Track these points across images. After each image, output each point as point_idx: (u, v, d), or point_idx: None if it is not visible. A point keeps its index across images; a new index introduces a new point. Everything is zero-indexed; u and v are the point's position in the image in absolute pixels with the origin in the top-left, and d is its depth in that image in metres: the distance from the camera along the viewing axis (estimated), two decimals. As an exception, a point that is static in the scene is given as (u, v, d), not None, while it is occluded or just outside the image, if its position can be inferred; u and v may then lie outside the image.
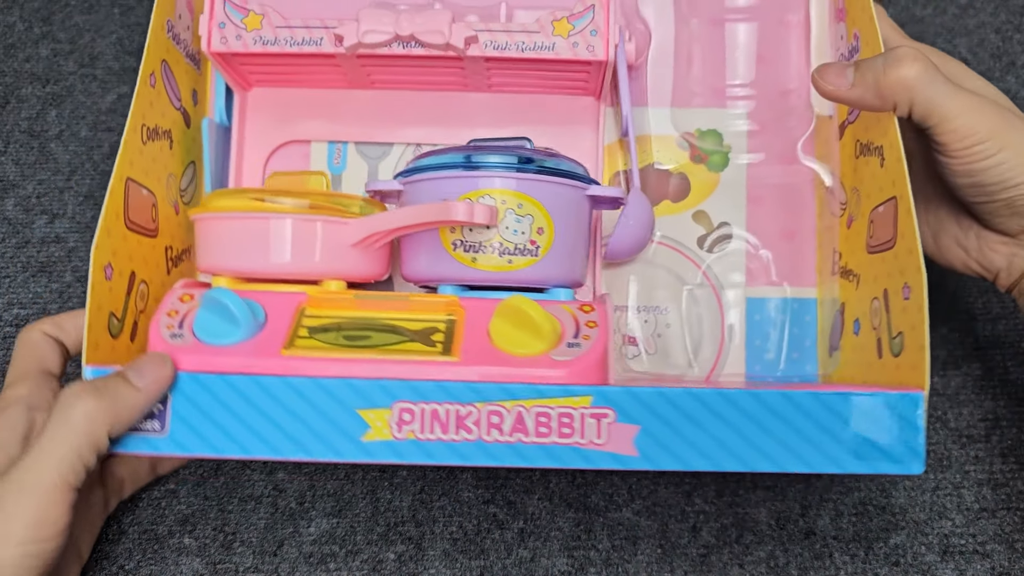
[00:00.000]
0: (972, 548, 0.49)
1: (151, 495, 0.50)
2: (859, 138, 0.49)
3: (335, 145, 0.55)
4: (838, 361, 0.51)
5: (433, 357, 0.41)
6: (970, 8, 0.65)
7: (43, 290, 0.56)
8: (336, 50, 0.49)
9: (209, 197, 0.47)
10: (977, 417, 0.53)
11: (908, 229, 0.42)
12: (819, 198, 0.54)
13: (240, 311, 0.41)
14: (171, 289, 0.45)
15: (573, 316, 0.43)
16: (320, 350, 0.41)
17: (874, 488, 0.51)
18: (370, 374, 0.40)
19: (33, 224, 0.58)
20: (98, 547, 0.48)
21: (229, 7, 0.49)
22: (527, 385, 0.40)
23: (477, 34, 0.48)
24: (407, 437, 0.40)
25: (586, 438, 0.40)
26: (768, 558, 0.49)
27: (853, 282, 0.49)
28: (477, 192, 0.44)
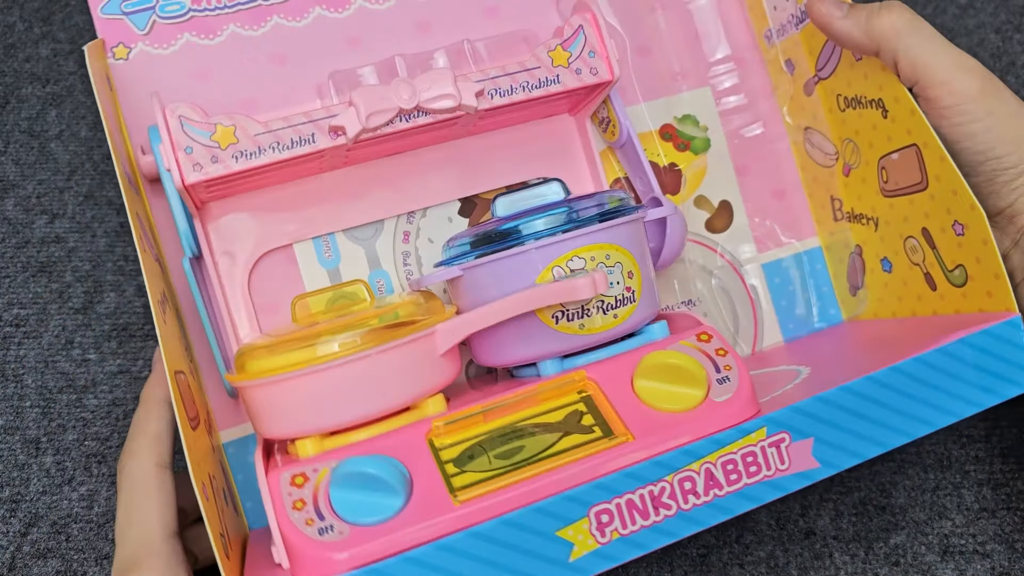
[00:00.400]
0: (972, 548, 0.48)
1: None
2: (840, 92, 0.51)
3: (321, 239, 0.49)
4: (866, 299, 0.54)
5: (605, 445, 0.39)
6: (970, 8, 0.66)
7: (43, 290, 0.55)
8: (334, 143, 0.43)
9: (255, 356, 0.40)
10: (977, 417, 0.52)
11: (945, 172, 0.45)
12: (797, 152, 0.56)
13: (391, 475, 0.36)
14: (269, 477, 0.38)
15: (700, 350, 0.42)
16: (487, 484, 0.37)
17: (874, 488, 0.51)
18: (552, 490, 0.37)
19: (33, 224, 0.57)
20: (98, 547, 0.48)
21: (189, 126, 0.41)
22: (707, 440, 0.39)
23: (483, 88, 0.44)
24: (612, 538, 0.37)
25: (772, 468, 0.39)
26: (768, 558, 0.49)
27: (869, 225, 0.52)
28: (565, 257, 0.41)
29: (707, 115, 0.55)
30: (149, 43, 0.48)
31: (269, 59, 0.49)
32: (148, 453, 0.40)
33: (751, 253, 0.55)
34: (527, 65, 0.45)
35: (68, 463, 0.51)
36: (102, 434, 0.52)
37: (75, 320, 0.54)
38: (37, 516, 0.50)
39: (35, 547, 0.49)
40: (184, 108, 0.41)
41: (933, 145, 0.45)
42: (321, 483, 0.37)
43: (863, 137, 0.50)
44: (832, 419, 0.40)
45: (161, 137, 0.41)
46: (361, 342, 0.39)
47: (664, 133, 0.55)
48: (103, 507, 0.50)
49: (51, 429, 0.51)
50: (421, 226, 0.51)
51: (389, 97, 0.43)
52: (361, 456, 0.37)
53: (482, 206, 0.52)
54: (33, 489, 0.50)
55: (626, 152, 0.52)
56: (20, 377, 0.52)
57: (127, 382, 0.53)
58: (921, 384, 0.41)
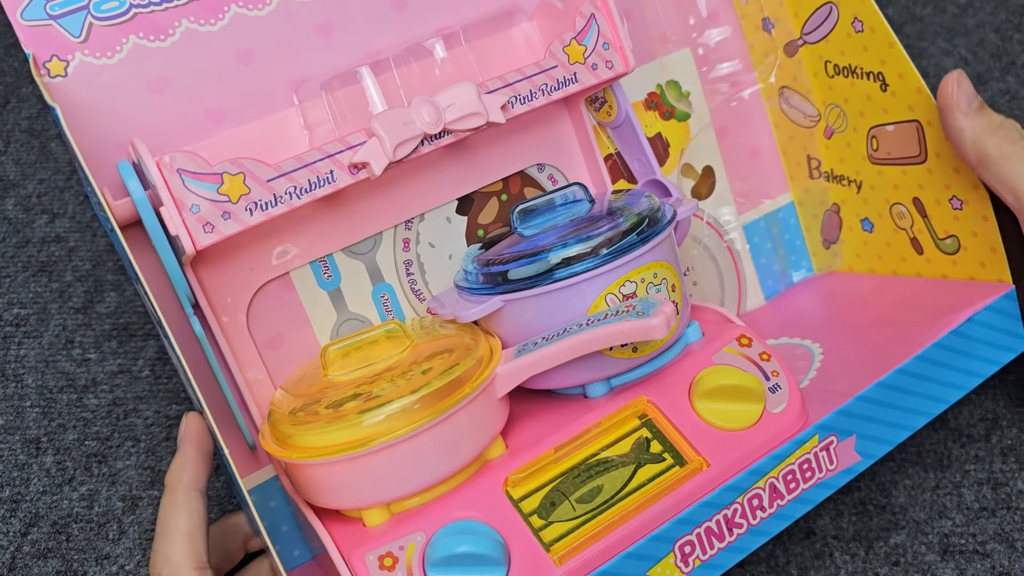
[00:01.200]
0: (972, 548, 0.47)
1: (151, 495, 0.49)
2: (830, 59, 0.51)
3: (318, 263, 0.45)
4: (841, 253, 0.56)
5: (680, 475, 0.39)
6: (969, 8, 0.64)
7: (43, 289, 0.55)
8: (355, 179, 0.38)
9: (305, 429, 0.36)
10: (977, 417, 0.52)
11: (948, 151, 0.46)
12: (772, 111, 0.56)
13: (490, 547, 0.35)
14: (353, 561, 0.36)
15: (746, 358, 0.43)
16: (577, 535, 0.37)
17: (874, 487, 0.50)
18: (639, 531, 0.37)
19: (33, 223, 0.57)
20: (98, 547, 0.47)
21: (192, 181, 0.35)
22: (770, 456, 0.40)
23: (507, 99, 0.40)
24: (694, 566, 0.38)
25: (823, 470, 0.41)
26: (768, 558, 0.48)
27: (851, 187, 0.53)
28: (617, 283, 0.40)
29: (689, 80, 0.53)
30: (89, 52, 0.40)
31: (234, 58, 0.42)
32: (184, 557, 0.36)
33: (732, 215, 0.56)
34: (544, 65, 0.42)
35: (68, 463, 0.50)
36: (102, 434, 0.50)
37: (75, 320, 0.53)
38: (37, 516, 0.48)
39: (35, 547, 0.48)
40: (182, 159, 0.35)
41: (937, 124, 0.46)
42: (413, 562, 0.36)
43: (853, 105, 0.51)
44: (870, 414, 0.42)
45: (162, 199, 0.35)
46: (426, 408, 0.36)
47: (649, 102, 0.52)
48: (103, 507, 0.49)
49: (51, 429, 0.50)
50: (420, 231, 0.47)
51: (412, 122, 0.38)
52: (452, 529, 0.36)
53: (480, 201, 0.48)
54: (33, 489, 0.49)
55: (623, 133, 0.49)
56: (20, 377, 0.51)
57: (127, 382, 0.52)
58: (939, 366, 0.44)
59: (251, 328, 0.43)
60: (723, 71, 0.54)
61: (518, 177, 0.49)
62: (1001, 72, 0.65)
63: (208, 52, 0.42)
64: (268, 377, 0.43)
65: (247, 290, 0.43)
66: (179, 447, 0.39)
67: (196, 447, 0.38)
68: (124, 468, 0.50)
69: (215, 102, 0.42)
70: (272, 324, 0.44)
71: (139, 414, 0.51)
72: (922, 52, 0.68)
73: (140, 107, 0.41)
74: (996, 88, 0.65)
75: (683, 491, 0.39)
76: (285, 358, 0.44)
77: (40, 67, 0.39)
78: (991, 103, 0.64)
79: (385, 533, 0.37)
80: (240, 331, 0.43)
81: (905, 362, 0.43)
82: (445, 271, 0.48)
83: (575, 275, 0.39)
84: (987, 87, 0.66)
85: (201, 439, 0.39)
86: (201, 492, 0.38)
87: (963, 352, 0.45)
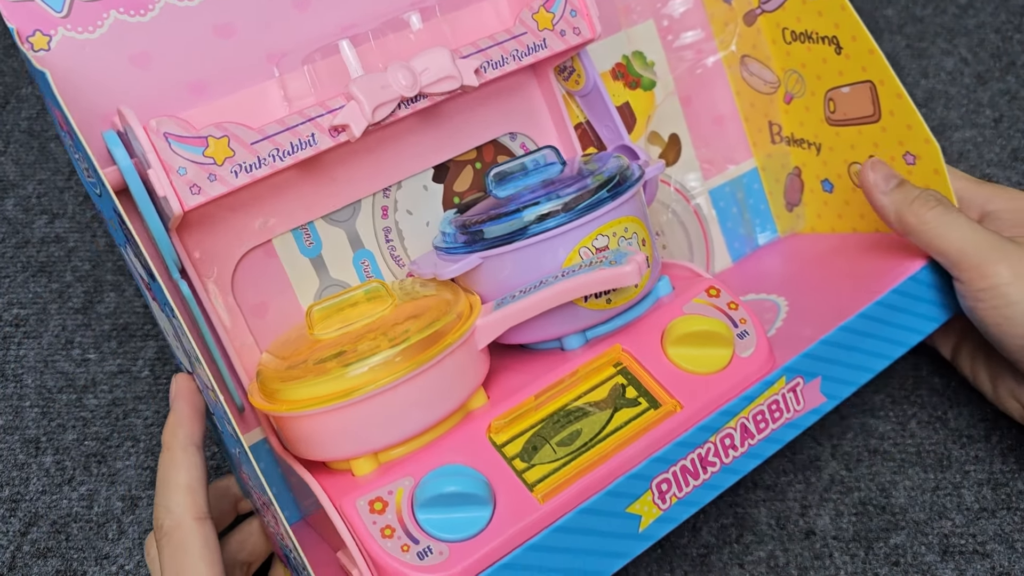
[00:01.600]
0: (972, 548, 0.48)
1: (151, 495, 0.49)
2: (787, 26, 0.53)
3: (300, 230, 0.46)
4: (803, 215, 0.58)
5: (655, 417, 0.41)
6: (970, 8, 0.64)
7: (43, 290, 0.55)
8: (336, 142, 0.39)
9: (293, 383, 0.38)
10: (977, 417, 0.53)
11: (901, 108, 0.48)
12: (733, 78, 0.58)
13: (476, 487, 0.37)
14: (344, 506, 0.37)
15: (714, 307, 0.45)
16: (559, 475, 0.39)
17: (874, 488, 0.51)
18: (618, 470, 0.39)
19: (33, 224, 0.57)
20: (98, 547, 0.48)
21: (178, 144, 0.37)
22: (740, 397, 0.42)
23: (480, 64, 0.42)
24: (671, 503, 0.40)
25: (791, 410, 0.44)
26: (768, 558, 0.48)
27: (810, 149, 0.56)
28: (590, 237, 0.42)
29: (653, 50, 0.55)
30: (71, 27, 0.41)
31: (213, 31, 0.44)
32: (185, 508, 0.38)
33: (698, 181, 0.58)
34: (514, 32, 0.43)
35: (68, 463, 0.50)
36: (102, 434, 0.51)
37: (75, 320, 0.53)
38: (37, 516, 0.49)
39: (35, 546, 0.48)
40: (168, 123, 0.36)
41: (890, 82, 0.48)
42: (402, 505, 0.37)
43: (810, 70, 0.53)
44: (834, 357, 0.44)
45: (150, 162, 0.36)
46: (407, 360, 0.38)
47: (616, 72, 0.54)
48: (103, 507, 0.49)
49: (51, 429, 0.51)
50: (398, 198, 0.48)
51: (389, 85, 0.40)
52: (439, 472, 0.37)
53: (455, 169, 0.50)
54: (33, 489, 0.49)
55: (591, 101, 0.51)
56: (20, 377, 0.52)
57: (127, 382, 0.52)
58: (898, 311, 0.46)
59: (236, 295, 0.44)
60: (686, 40, 0.56)
61: (491, 146, 0.51)
62: (1001, 72, 0.65)
63: (188, 26, 0.43)
64: (255, 342, 0.45)
65: (232, 257, 0.44)
66: (172, 405, 0.40)
67: (189, 404, 0.40)
68: (123, 468, 0.50)
69: (196, 75, 0.43)
70: (256, 291, 0.45)
71: (138, 414, 0.52)
72: (922, 52, 0.69)
73: (123, 80, 0.42)
74: (996, 88, 0.67)
75: (658, 432, 0.40)
76: (271, 324, 0.45)
77: (24, 41, 0.40)
78: (991, 103, 0.66)
79: (374, 481, 0.38)
80: (226, 297, 0.44)
81: (866, 307, 0.45)
82: (423, 237, 0.49)
83: (550, 230, 0.41)
84: (987, 87, 0.67)
85: (193, 396, 0.40)
86: (198, 447, 0.39)
87: (920, 298, 0.47)
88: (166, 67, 0.43)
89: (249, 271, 0.45)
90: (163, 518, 0.37)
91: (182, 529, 0.37)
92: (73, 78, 0.41)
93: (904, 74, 0.69)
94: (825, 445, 0.52)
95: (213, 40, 0.44)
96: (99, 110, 0.41)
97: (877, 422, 0.53)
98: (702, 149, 0.58)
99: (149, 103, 0.42)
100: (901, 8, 0.70)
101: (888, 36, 0.71)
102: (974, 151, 0.65)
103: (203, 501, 0.38)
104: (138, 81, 0.42)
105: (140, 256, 0.35)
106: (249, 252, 0.45)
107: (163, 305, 0.37)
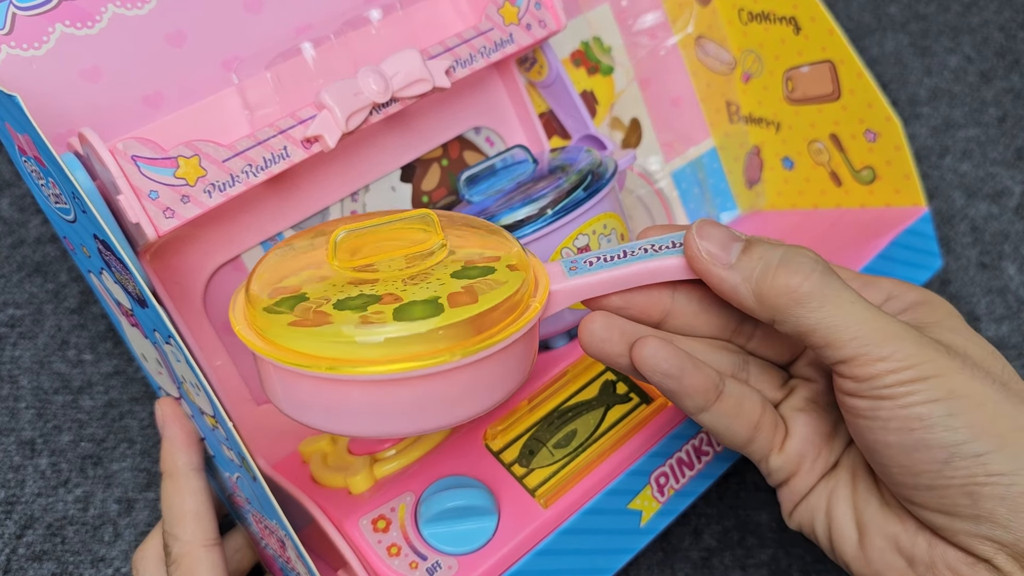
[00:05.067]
0: None
1: (147, 497, 0.49)
2: (743, 7, 0.53)
3: (269, 242, 0.44)
4: (763, 193, 0.59)
5: (647, 412, 0.41)
6: (974, 6, 0.63)
7: (38, 290, 0.55)
8: (309, 153, 0.38)
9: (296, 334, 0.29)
10: None
11: (861, 87, 0.49)
12: (689, 61, 0.58)
13: (480, 498, 0.36)
14: (346, 527, 0.36)
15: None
16: (559, 479, 0.39)
17: None
18: (617, 469, 0.39)
19: (28, 223, 0.56)
20: (94, 549, 0.47)
21: (147, 167, 0.35)
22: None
23: (450, 64, 0.41)
24: (669, 495, 0.41)
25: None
26: (770, 561, 0.48)
27: (769, 128, 0.56)
28: (571, 237, 0.41)
29: (611, 34, 0.55)
30: (16, 43, 0.38)
31: (165, 40, 0.42)
32: (194, 535, 0.37)
33: (659, 164, 0.58)
34: (481, 28, 0.42)
35: (63, 465, 0.49)
36: (97, 436, 0.50)
37: (70, 320, 0.52)
38: (32, 518, 0.48)
39: (30, 549, 0.47)
40: (135, 145, 0.35)
41: (850, 62, 0.49)
42: (406, 521, 0.37)
43: (768, 50, 0.53)
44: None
45: (119, 188, 0.34)
46: (466, 340, 0.28)
47: (575, 58, 0.54)
48: (98, 509, 0.49)
49: (46, 431, 0.50)
50: (367, 201, 0.47)
51: (361, 92, 0.38)
52: (441, 485, 0.37)
53: (422, 168, 0.49)
54: (28, 491, 0.48)
55: (555, 91, 0.51)
56: (15, 378, 0.51)
57: (122, 383, 0.51)
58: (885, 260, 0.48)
59: (209, 314, 0.43)
60: (643, 23, 0.56)
61: (456, 142, 0.50)
62: (1006, 70, 0.65)
63: (138, 36, 0.41)
64: (231, 361, 0.43)
65: (201, 276, 0.42)
66: (163, 432, 0.39)
67: (182, 429, 0.38)
68: (119, 470, 0.50)
69: (151, 87, 0.41)
70: (225, 309, 0.43)
71: (134, 416, 0.51)
72: (926, 50, 0.69)
73: (75, 97, 0.39)
74: (1000, 86, 0.67)
75: (653, 426, 0.41)
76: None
77: (-36, 62, 0.37)
78: (995, 101, 0.65)
79: (372, 499, 0.38)
80: (199, 317, 0.42)
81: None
82: (395, 240, 0.48)
83: (534, 232, 0.41)
84: (992, 85, 0.67)
85: (182, 420, 0.39)
86: (199, 471, 0.38)
87: (888, 274, 0.48)
88: (118, 80, 0.40)
89: (220, 288, 0.43)
90: (172, 545, 0.36)
91: (192, 557, 0.36)
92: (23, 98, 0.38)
93: (908, 72, 0.69)
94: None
95: (165, 49, 0.42)
96: (51, 130, 0.39)
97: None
98: (663, 132, 0.58)
99: (104, 119, 0.40)
100: (904, 6, 0.69)
101: (892, 34, 0.71)
102: (978, 150, 0.65)
103: (211, 527, 0.37)
104: (90, 97, 0.40)
105: (132, 281, 0.33)
106: (218, 269, 0.43)
107: (154, 331, 0.35)
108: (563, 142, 0.53)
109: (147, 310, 0.34)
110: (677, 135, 0.58)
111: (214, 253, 0.43)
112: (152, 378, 0.42)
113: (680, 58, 0.58)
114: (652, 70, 0.57)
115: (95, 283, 0.40)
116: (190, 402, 0.37)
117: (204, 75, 0.42)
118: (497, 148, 0.51)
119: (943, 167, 0.65)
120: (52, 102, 0.39)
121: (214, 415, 0.34)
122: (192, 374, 0.33)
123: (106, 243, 0.33)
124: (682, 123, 0.59)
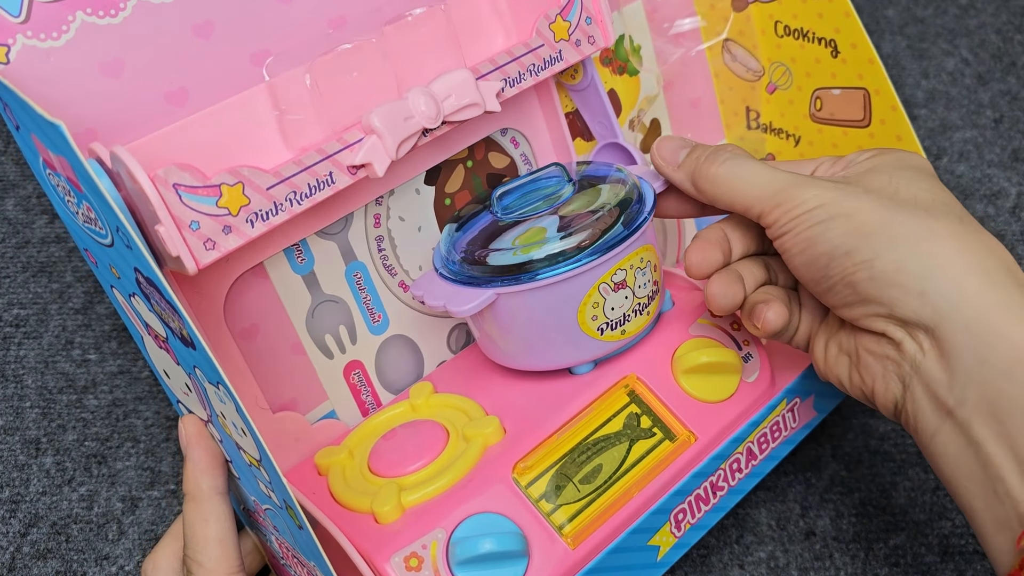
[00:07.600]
0: (972, 548, 0.47)
1: (151, 495, 0.49)
2: (780, 20, 0.52)
3: (292, 248, 0.43)
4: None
5: (672, 449, 0.41)
6: (971, 9, 0.62)
7: (43, 290, 0.55)
8: (355, 179, 0.36)
9: None
10: None
11: (893, 119, 0.49)
12: (713, 62, 0.56)
13: (512, 541, 0.36)
14: (377, 563, 0.36)
15: (718, 328, 0.45)
16: (585, 516, 0.39)
17: (874, 489, 0.50)
18: (642, 508, 0.40)
19: (33, 224, 0.57)
20: (98, 548, 0.48)
21: (189, 196, 0.33)
22: (748, 424, 0.43)
23: (501, 86, 0.39)
24: (685, 530, 0.42)
25: (788, 429, 0.45)
26: (768, 559, 0.48)
27: (788, 140, 0.56)
28: (609, 273, 0.41)
29: (641, 34, 0.53)
30: (32, 33, 0.35)
31: (192, 31, 0.38)
32: (218, 562, 0.36)
33: (675, 166, 0.57)
34: (532, 45, 0.40)
35: (68, 463, 0.49)
36: (102, 435, 0.50)
37: (75, 320, 0.52)
38: (37, 516, 0.48)
39: (35, 547, 0.47)
40: (176, 172, 0.32)
41: (886, 93, 0.48)
42: (438, 561, 0.37)
43: (800, 66, 0.52)
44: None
45: (160, 218, 0.32)
46: None
47: (604, 57, 0.52)
48: (103, 507, 0.48)
49: (51, 429, 0.50)
50: (390, 205, 0.45)
51: (412, 116, 0.36)
52: (474, 524, 0.37)
53: (447, 170, 0.47)
54: (33, 489, 0.48)
55: (586, 96, 0.49)
56: (20, 377, 0.51)
57: (127, 382, 0.51)
58: None
59: (228, 321, 0.41)
60: (674, 25, 0.54)
61: (482, 143, 0.48)
62: (1002, 73, 0.65)
63: (164, 27, 0.38)
64: (247, 368, 0.42)
65: (223, 284, 0.40)
66: (187, 453, 0.37)
67: (207, 451, 0.37)
68: (124, 469, 0.49)
69: (175, 82, 0.38)
70: (246, 315, 0.42)
71: (139, 415, 0.50)
72: (923, 53, 0.68)
73: (94, 93, 0.36)
74: (997, 89, 0.67)
75: (676, 465, 0.41)
76: (261, 346, 0.42)
77: (-23, 54, 0.34)
78: (992, 104, 0.65)
79: (402, 531, 0.37)
80: (217, 324, 0.41)
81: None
82: (415, 244, 0.47)
83: (574, 268, 0.40)
84: (988, 88, 0.67)
85: (207, 441, 0.38)
86: (223, 495, 0.37)
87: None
88: (141, 75, 0.37)
89: (240, 295, 0.41)
90: (195, 571, 0.36)
91: None
92: (38, 94, 0.35)
93: (905, 75, 0.69)
94: (825, 446, 0.53)
95: (192, 41, 0.38)
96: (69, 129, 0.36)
97: (877, 423, 0.54)
98: (680, 133, 0.57)
99: (124, 116, 0.37)
100: (902, 9, 0.69)
101: (889, 37, 0.70)
102: (975, 152, 0.66)
103: (235, 554, 0.37)
104: (111, 92, 0.37)
105: (178, 321, 0.31)
106: (240, 277, 0.41)
107: (194, 367, 0.33)
108: (585, 144, 0.52)
109: (195, 351, 0.32)
110: (693, 136, 0.57)
111: (236, 260, 0.41)
112: (172, 393, 0.40)
113: (705, 61, 0.56)
114: (676, 71, 0.55)
115: (118, 299, 0.37)
116: (222, 431, 0.36)
117: (232, 70, 0.39)
118: (522, 149, 0.50)
119: (940, 169, 0.66)
120: (70, 98, 0.36)
121: (259, 460, 0.33)
122: (241, 420, 0.32)
123: (152, 281, 0.31)
124: (698, 124, 0.58)
